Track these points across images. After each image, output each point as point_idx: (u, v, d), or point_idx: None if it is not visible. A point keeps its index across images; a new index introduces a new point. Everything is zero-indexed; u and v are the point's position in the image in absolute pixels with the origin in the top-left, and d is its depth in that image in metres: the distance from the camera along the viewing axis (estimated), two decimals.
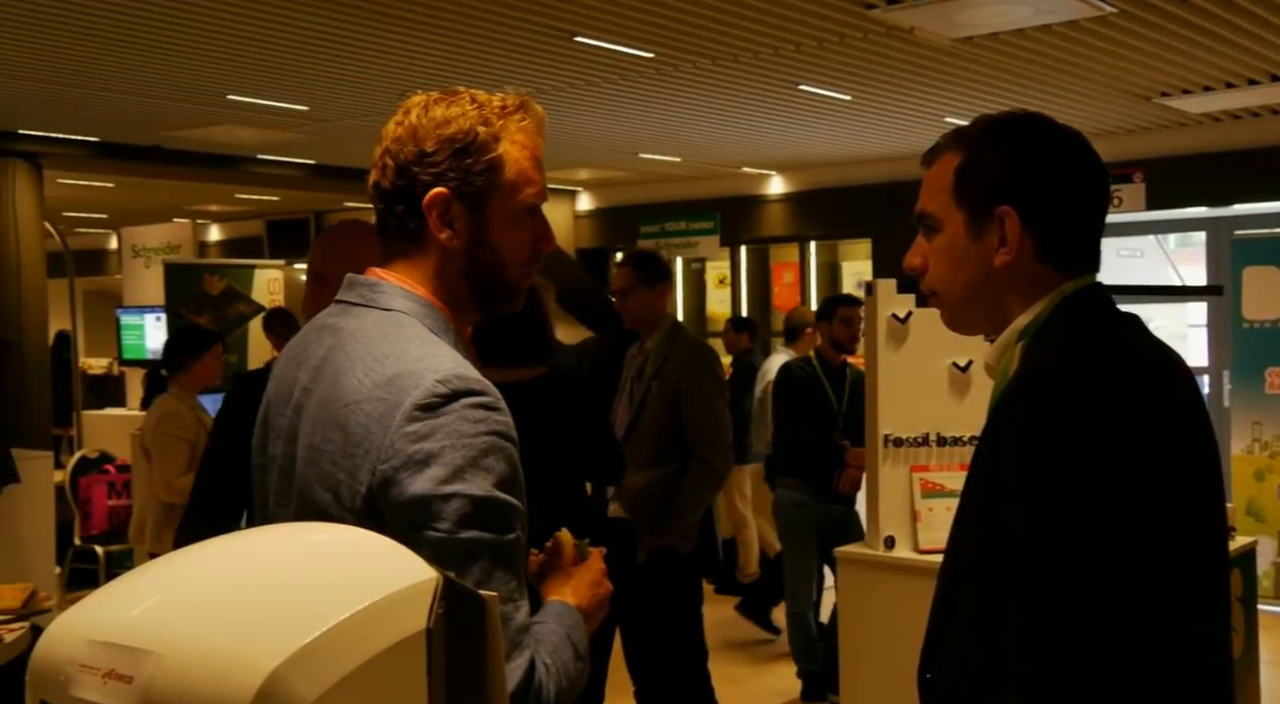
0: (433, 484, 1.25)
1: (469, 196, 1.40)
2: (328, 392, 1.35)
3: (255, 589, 0.98)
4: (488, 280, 1.45)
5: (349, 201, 13.42)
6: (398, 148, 1.40)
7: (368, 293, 1.42)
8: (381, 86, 6.75)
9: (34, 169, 8.54)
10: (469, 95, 1.43)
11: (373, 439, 1.28)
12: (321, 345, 1.41)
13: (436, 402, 1.28)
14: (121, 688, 0.92)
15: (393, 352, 1.33)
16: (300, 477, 1.37)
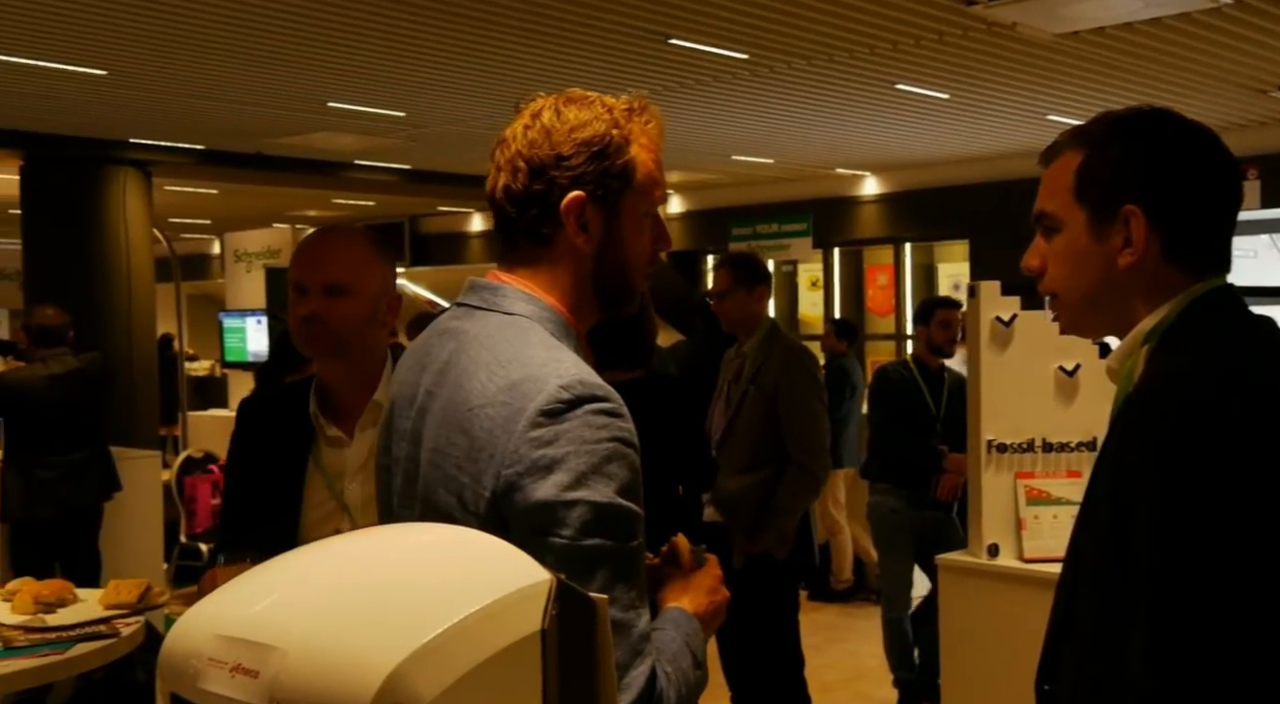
0: (556, 490, 1.25)
1: (603, 200, 1.40)
2: (451, 395, 1.35)
3: (376, 588, 1.00)
4: (614, 284, 1.45)
5: (442, 206, 13.60)
6: (531, 151, 1.39)
7: (490, 296, 1.42)
8: (477, 92, 6.81)
9: (143, 177, 8.80)
10: (597, 98, 1.43)
11: (497, 444, 1.28)
12: (444, 349, 1.41)
13: (560, 407, 1.28)
14: (248, 682, 0.94)
15: (516, 356, 1.33)
16: (424, 480, 1.38)
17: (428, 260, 14.54)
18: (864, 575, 7.19)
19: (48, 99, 7.05)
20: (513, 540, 1.12)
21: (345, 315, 2.08)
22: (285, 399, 2.21)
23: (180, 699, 1.00)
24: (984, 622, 3.68)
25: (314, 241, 2.19)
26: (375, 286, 2.13)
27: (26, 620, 3.05)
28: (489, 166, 1.44)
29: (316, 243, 2.18)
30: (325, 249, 2.15)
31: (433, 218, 14.47)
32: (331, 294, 2.08)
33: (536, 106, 1.41)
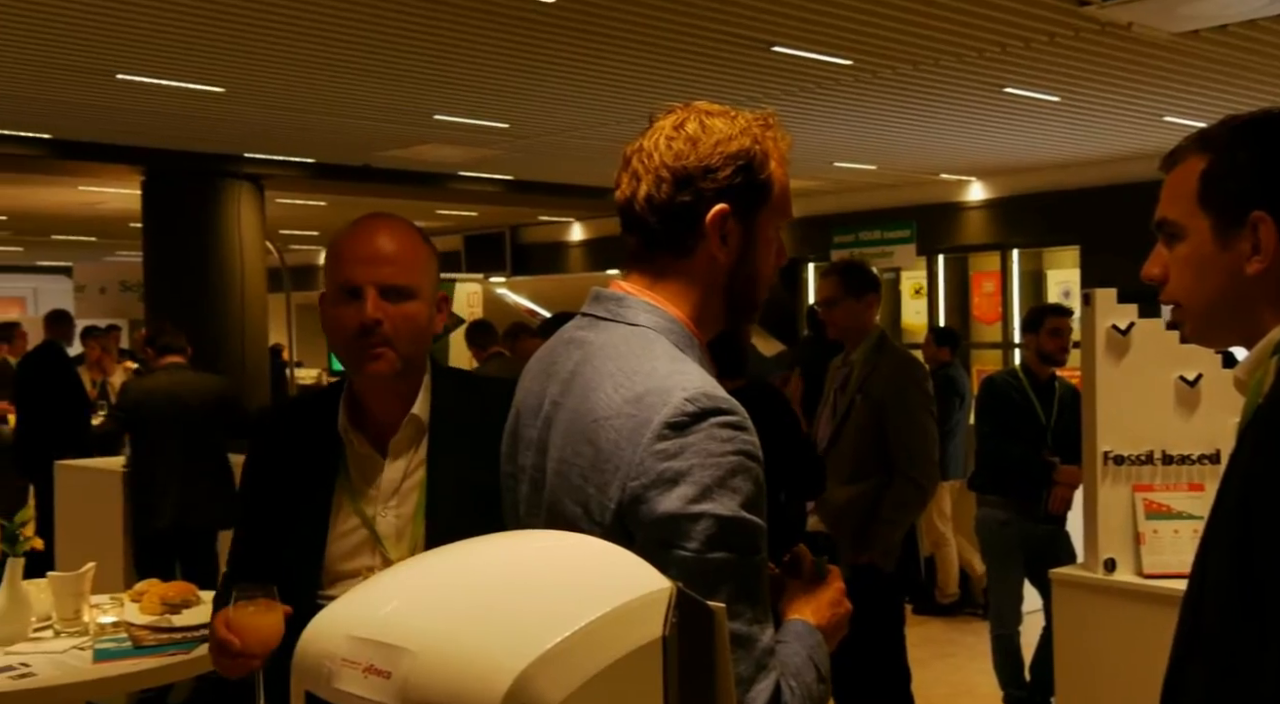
0: (681, 503, 1.25)
1: (744, 214, 1.40)
2: (577, 406, 1.36)
3: (503, 592, 1.02)
4: (744, 297, 1.46)
5: (543, 215, 13.75)
6: (677, 162, 1.39)
7: (615, 307, 1.42)
8: (581, 102, 6.87)
9: (257, 190, 9.07)
10: (734, 111, 1.43)
11: (622, 455, 1.29)
12: (570, 359, 1.42)
13: (685, 421, 1.27)
14: (381, 683, 0.96)
15: (641, 368, 1.33)
16: (550, 489, 1.39)
17: (528, 270, 14.69)
18: (970, 589, 7.04)
19: (169, 116, 7.30)
20: (637, 552, 1.13)
21: (410, 323, 1.77)
22: (309, 409, 1.92)
23: (315, 698, 1.03)
24: (1100, 639, 3.57)
25: (366, 233, 1.81)
26: (432, 286, 1.84)
27: (154, 621, 3.14)
28: (620, 175, 1.44)
29: (369, 234, 1.80)
30: (382, 242, 1.79)
31: (533, 227, 14.63)
32: (394, 298, 1.77)
33: (678, 117, 1.41)
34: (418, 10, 4.95)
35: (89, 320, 12.51)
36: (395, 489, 1.82)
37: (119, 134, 7.99)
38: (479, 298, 10.27)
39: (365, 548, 1.79)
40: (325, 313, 1.82)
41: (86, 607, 3.15)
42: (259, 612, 1.70)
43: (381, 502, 1.81)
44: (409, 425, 1.82)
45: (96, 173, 9.18)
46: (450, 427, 1.84)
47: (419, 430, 1.84)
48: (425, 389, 1.84)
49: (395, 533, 1.80)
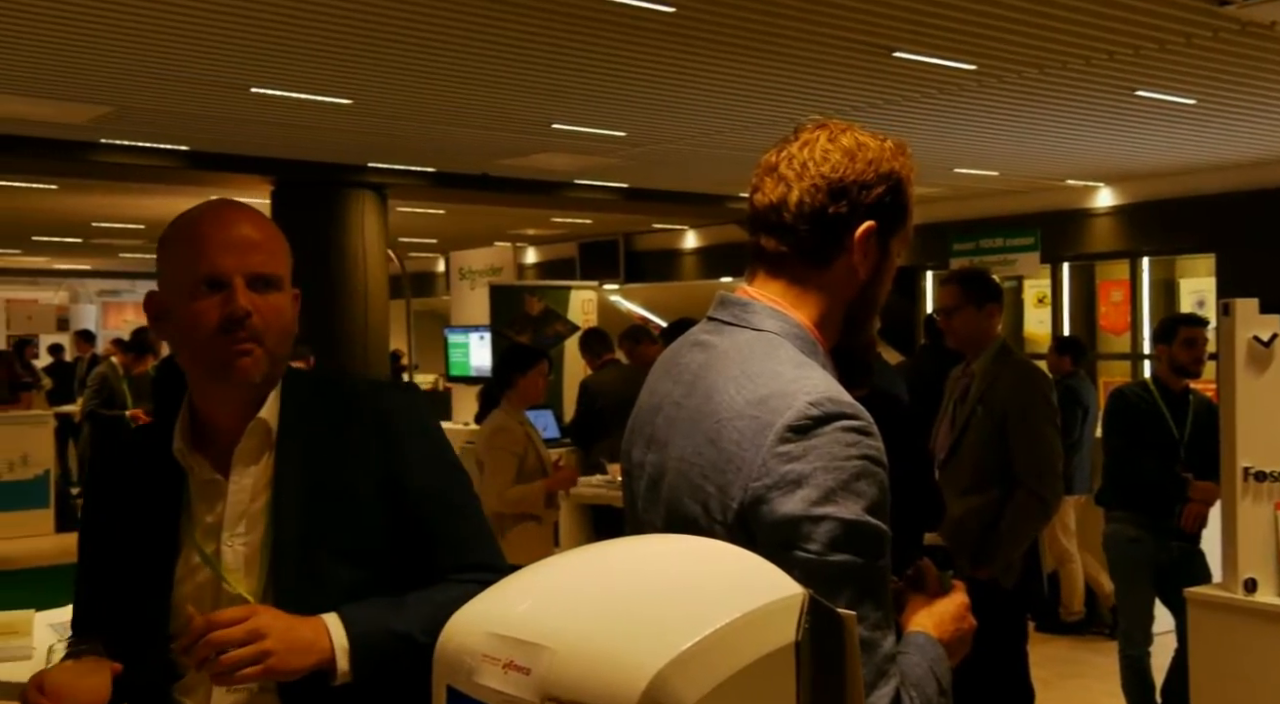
0: (804, 505, 1.26)
1: (885, 233, 1.43)
2: (700, 406, 1.38)
3: (639, 593, 1.04)
4: (862, 313, 1.47)
5: (657, 223, 13.79)
6: (834, 173, 1.41)
7: (740, 312, 1.44)
8: (699, 110, 6.88)
9: (379, 199, 9.29)
10: (875, 134, 1.46)
11: (745, 456, 1.30)
12: (694, 361, 1.44)
13: (809, 424, 1.28)
14: (521, 679, 0.98)
15: (765, 371, 1.34)
16: (670, 487, 1.40)
17: (641, 277, 14.76)
18: (1095, 607, 6.83)
19: (296, 128, 7.53)
20: (759, 552, 1.14)
21: (280, 317, 1.57)
22: (144, 439, 1.70)
23: (455, 692, 1.06)
24: (1239, 662, 3.43)
25: (227, 219, 1.60)
26: (290, 278, 1.63)
27: None
28: (761, 180, 1.45)
29: (232, 220, 1.60)
30: (247, 228, 1.59)
31: (647, 235, 14.69)
32: (262, 288, 1.56)
33: (830, 131, 1.44)
34: (538, 21, 5.02)
35: None
36: (243, 513, 1.58)
37: (251, 145, 8.27)
38: (593, 305, 10.34)
39: (209, 587, 1.56)
40: (174, 312, 1.57)
41: None
42: (81, 673, 1.48)
43: (229, 529, 1.57)
44: (254, 433, 1.59)
45: (229, 183, 9.51)
46: (301, 432, 1.60)
47: (265, 438, 1.60)
48: (276, 392, 1.61)
49: (244, 564, 1.56)
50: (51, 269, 20.81)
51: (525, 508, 5.21)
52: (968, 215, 10.92)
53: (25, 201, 11.24)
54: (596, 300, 10.47)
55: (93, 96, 6.56)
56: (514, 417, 5.39)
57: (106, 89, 6.38)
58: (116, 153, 8.18)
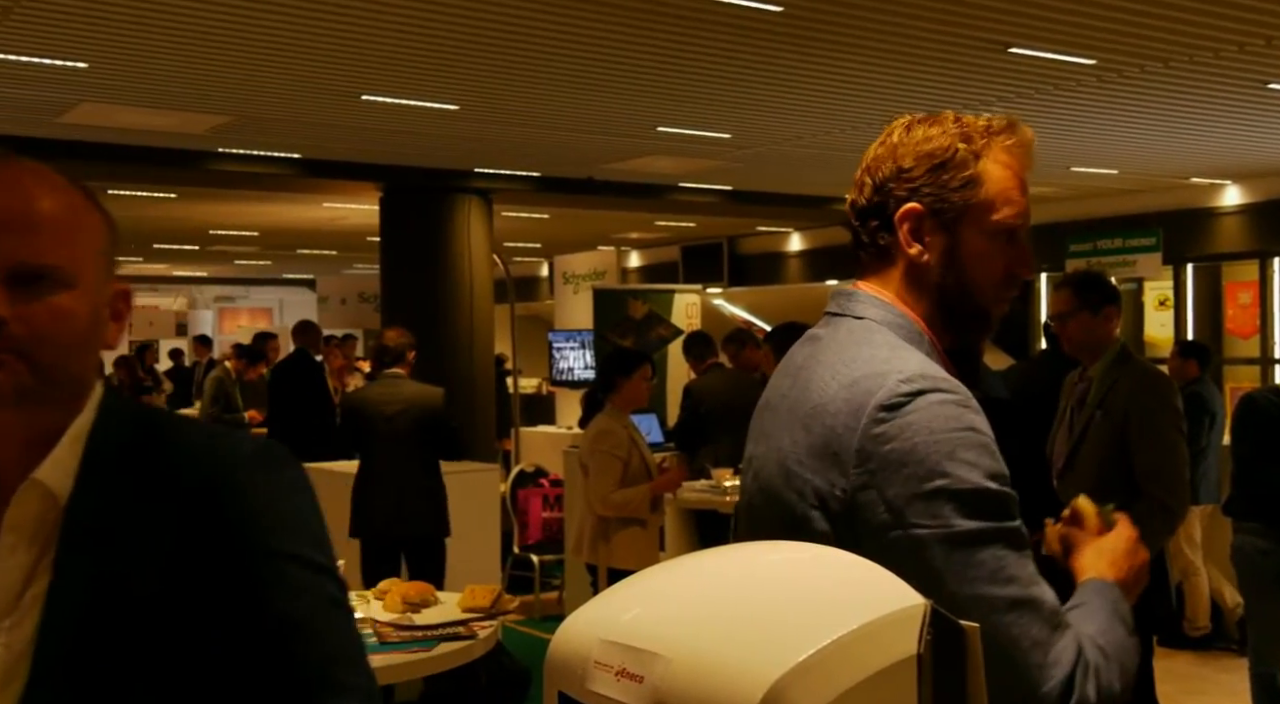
0: (914, 484, 1.23)
1: (942, 213, 1.40)
2: (799, 396, 1.38)
3: (754, 601, 1.03)
4: (956, 300, 1.43)
5: (761, 226, 13.69)
6: (876, 166, 1.43)
7: (845, 302, 1.45)
8: (806, 111, 6.79)
9: (485, 204, 9.38)
10: (953, 115, 1.44)
11: (840, 441, 1.28)
12: (802, 353, 1.45)
13: (901, 401, 1.26)
14: (633, 687, 0.98)
15: (860, 356, 1.34)
16: (769, 478, 1.40)
17: (746, 280, 14.66)
18: (1222, 622, 6.56)
19: (405, 134, 7.64)
20: (871, 541, 1.17)
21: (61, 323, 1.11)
22: None
23: (567, 698, 1.05)
24: None
25: None
26: (100, 272, 1.21)
27: (396, 618, 3.26)
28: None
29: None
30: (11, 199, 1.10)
31: (751, 238, 14.60)
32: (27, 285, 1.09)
33: (893, 125, 1.45)
34: (644, 23, 5.00)
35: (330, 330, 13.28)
36: (14, 599, 1.08)
37: (360, 152, 8.43)
38: (697, 309, 10.30)
39: None
40: None
41: None
42: None
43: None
44: (29, 497, 1.09)
45: (339, 190, 9.70)
46: (100, 504, 1.10)
47: (48, 506, 1.10)
48: (73, 438, 1.12)
49: (4, 673, 1.06)
50: (171, 276, 21.53)
51: (630, 512, 5.19)
52: (1085, 215, 10.59)
53: (147, 210, 11.63)
54: (700, 304, 10.42)
55: (212, 106, 6.74)
56: (618, 420, 5.38)
57: (225, 99, 6.55)
58: (233, 161, 8.41)
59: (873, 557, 1.07)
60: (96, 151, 7.89)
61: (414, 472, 5.57)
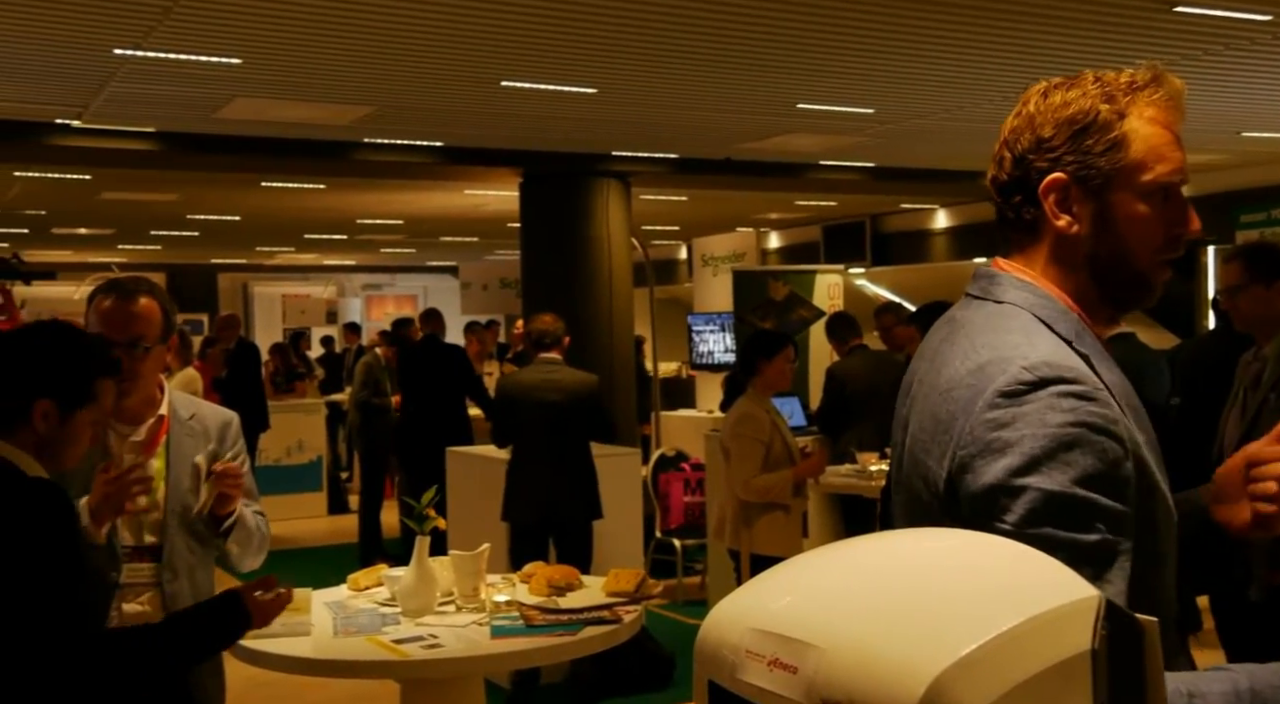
0: (1005, 475, 1.20)
1: (1089, 180, 1.34)
2: (932, 381, 1.36)
3: (913, 591, 0.99)
4: (1112, 269, 1.37)
5: (905, 203, 13.36)
6: (1014, 138, 1.38)
7: (986, 285, 1.41)
8: (953, 82, 6.56)
9: (623, 187, 9.37)
10: (1092, 75, 1.36)
11: (956, 425, 1.27)
12: (939, 337, 1.42)
13: (1021, 389, 1.23)
14: (787, 677, 0.95)
15: (991, 341, 1.31)
16: (904, 463, 1.39)
17: (889, 260, 14.34)
18: None
19: (544, 119, 7.67)
20: (964, 526, 1.13)
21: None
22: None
23: (718, 687, 1.02)
24: None
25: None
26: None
27: (542, 602, 3.25)
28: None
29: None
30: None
31: (894, 215, 14.27)
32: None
33: (1028, 93, 1.39)
34: None
35: (473, 316, 13.51)
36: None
37: (500, 139, 8.50)
38: (839, 289, 10.11)
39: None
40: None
41: (483, 585, 3.31)
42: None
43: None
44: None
45: (480, 176, 9.82)
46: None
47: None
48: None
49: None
50: (320, 265, 22.25)
51: (772, 497, 5.11)
52: (1256, 184, 9.99)
53: (297, 201, 12.01)
54: (842, 284, 10.23)
55: (356, 98, 6.88)
56: (760, 404, 5.30)
57: (370, 90, 6.67)
58: (378, 151, 8.58)
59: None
60: (250, 145, 8.15)
61: (569, 456, 5.62)
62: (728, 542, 5.27)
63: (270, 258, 20.82)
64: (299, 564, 8.49)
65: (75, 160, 8.59)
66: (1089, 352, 1.32)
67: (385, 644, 2.94)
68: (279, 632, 2.87)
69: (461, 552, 3.32)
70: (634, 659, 5.57)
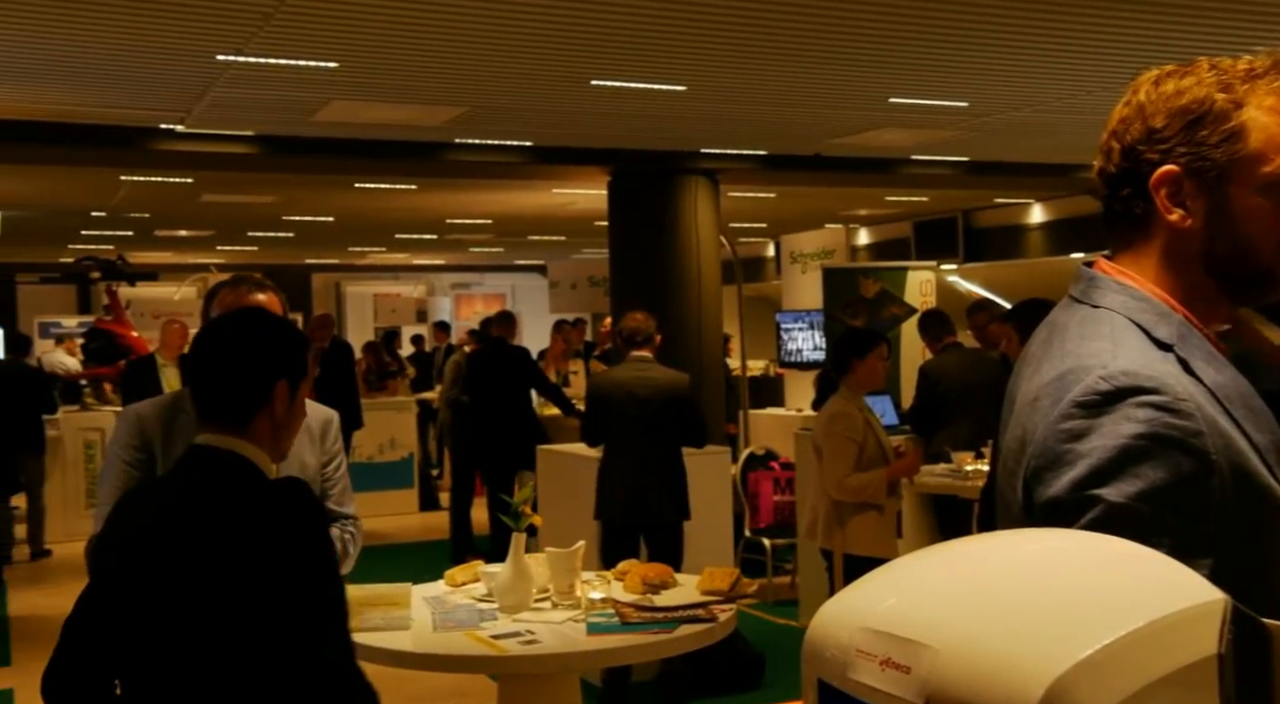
0: (1070, 487, 1.17)
1: (1203, 172, 1.28)
2: (1024, 388, 1.33)
3: (1029, 592, 0.97)
4: (1232, 265, 1.30)
5: (999, 198, 13.11)
6: (1123, 129, 1.32)
7: (1086, 287, 1.36)
8: (1052, 72, 6.41)
9: (712, 185, 9.34)
10: (1207, 63, 1.30)
11: (1034, 434, 1.24)
12: (1037, 340, 1.38)
13: (1096, 399, 1.19)
14: (900, 677, 0.94)
15: (1077, 348, 1.27)
16: (999, 470, 1.38)
17: (982, 256, 14.08)
18: None
19: (632, 117, 7.68)
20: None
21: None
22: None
23: (828, 686, 1.01)
24: None
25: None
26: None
27: (637, 599, 3.25)
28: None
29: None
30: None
31: (989, 210, 14.01)
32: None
33: (1139, 82, 1.34)
34: None
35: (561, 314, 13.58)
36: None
37: (589, 137, 8.53)
38: (931, 286, 9.95)
39: None
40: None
41: (578, 582, 3.32)
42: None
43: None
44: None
45: (568, 175, 9.87)
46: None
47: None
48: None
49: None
50: (410, 265, 22.58)
51: (866, 496, 5.04)
52: None
53: (389, 202, 12.20)
54: (935, 281, 10.07)
55: (448, 98, 6.96)
56: (853, 402, 5.24)
57: (461, 91, 6.74)
58: (468, 151, 8.67)
59: None
60: (344, 147, 8.30)
61: (659, 455, 5.61)
62: (820, 541, 5.22)
63: (362, 258, 21.19)
64: (392, 560, 8.63)
65: (178, 164, 8.83)
66: (1193, 354, 1.26)
67: (484, 639, 2.96)
68: (380, 625, 2.91)
69: (557, 548, 3.33)
70: (725, 659, 5.54)
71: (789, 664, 6.00)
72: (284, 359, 2.07)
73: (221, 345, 2.07)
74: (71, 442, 10.39)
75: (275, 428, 2.05)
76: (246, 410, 2.01)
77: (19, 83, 6.33)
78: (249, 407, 2.02)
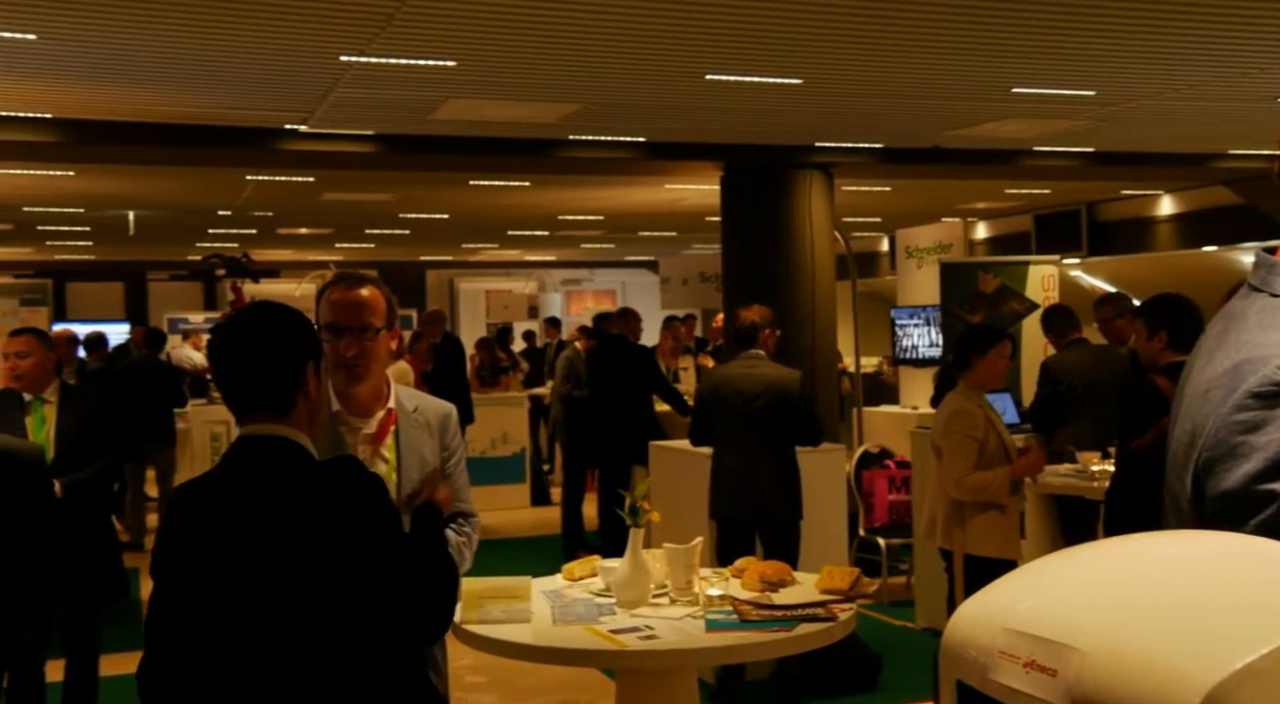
0: (1244, 480, 1.13)
1: None
2: (1196, 379, 1.29)
3: (1183, 595, 0.95)
4: None
5: (1126, 189, 12.68)
6: None
7: (1264, 275, 1.30)
8: (1182, 58, 6.17)
9: (826, 179, 9.22)
10: None
11: (1206, 425, 1.21)
12: (1213, 332, 1.33)
13: (1274, 390, 1.15)
14: (1045, 680, 0.92)
15: (1254, 338, 1.23)
16: (1169, 464, 1.33)
17: (1107, 249, 13.63)
18: None
19: (746, 112, 7.62)
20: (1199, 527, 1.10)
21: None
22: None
23: (968, 688, 1.00)
24: None
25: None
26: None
27: (755, 597, 3.22)
28: None
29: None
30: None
31: (1114, 203, 13.56)
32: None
33: None
34: None
35: (672, 310, 13.59)
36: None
37: (702, 132, 8.49)
38: (1054, 281, 9.68)
39: None
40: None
41: (696, 578, 3.30)
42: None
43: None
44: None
45: (680, 171, 9.85)
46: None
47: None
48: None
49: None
50: (522, 261, 22.83)
51: (987, 496, 4.92)
52: None
53: (502, 199, 12.34)
54: (1057, 275, 9.79)
55: (563, 95, 7.00)
56: (973, 400, 5.13)
57: (576, 87, 6.77)
58: (581, 148, 8.71)
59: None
60: (460, 145, 8.41)
61: (770, 453, 5.55)
62: (939, 541, 5.11)
63: (475, 254, 21.50)
64: (505, 554, 8.73)
65: (301, 163, 9.07)
66: None
67: (603, 634, 2.96)
68: (500, 618, 2.93)
69: (675, 545, 3.32)
70: (840, 659, 5.47)
71: (905, 665, 5.92)
72: (304, 342, 2.19)
73: (248, 340, 2.17)
74: (199, 434, 10.76)
75: (311, 409, 2.18)
76: (288, 395, 2.13)
77: (151, 87, 6.56)
78: (289, 391, 2.13)
